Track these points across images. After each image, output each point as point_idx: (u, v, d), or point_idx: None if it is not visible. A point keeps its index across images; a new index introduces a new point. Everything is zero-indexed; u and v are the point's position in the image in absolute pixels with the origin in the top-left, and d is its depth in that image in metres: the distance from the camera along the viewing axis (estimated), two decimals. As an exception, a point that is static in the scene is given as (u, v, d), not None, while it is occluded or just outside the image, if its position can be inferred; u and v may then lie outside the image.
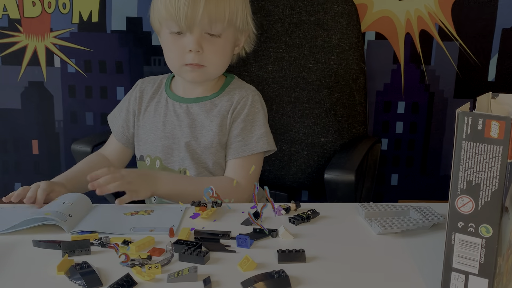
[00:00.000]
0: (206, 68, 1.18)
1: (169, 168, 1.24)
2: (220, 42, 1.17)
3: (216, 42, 1.17)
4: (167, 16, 1.15)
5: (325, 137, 1.52)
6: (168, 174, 1.17)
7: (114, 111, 1.36)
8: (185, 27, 1.14)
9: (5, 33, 1.72)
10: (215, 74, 1.23)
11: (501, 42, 1.72)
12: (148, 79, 1.35)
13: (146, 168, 1.27)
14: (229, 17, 1.16)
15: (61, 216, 0.93)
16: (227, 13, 1.15)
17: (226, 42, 1.19)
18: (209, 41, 1.16)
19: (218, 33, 1.16)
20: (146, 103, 1.29)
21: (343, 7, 1.51)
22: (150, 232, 0.91)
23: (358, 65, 1.52)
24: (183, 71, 1.20)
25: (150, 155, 1.27)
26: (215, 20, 1.14)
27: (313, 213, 0.98)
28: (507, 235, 0.68)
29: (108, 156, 1.33)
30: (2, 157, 1.82)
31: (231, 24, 1.17)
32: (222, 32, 1.16)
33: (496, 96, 0.76)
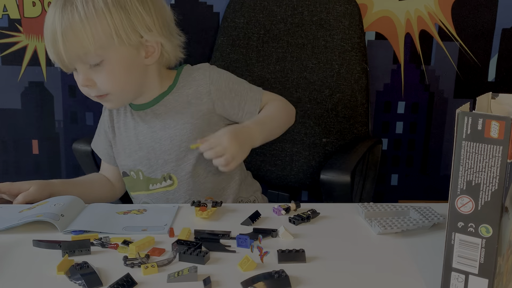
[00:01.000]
0: (110, 95, 1.14)
1: (152, 178, 1.22)
2: (105, 69, 1.10)
3: (101, 70, 1.10)
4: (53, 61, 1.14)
5: (326, 138, 1.52)
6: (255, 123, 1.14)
7: (95, 138, 1.33)
8: (64, 69, 1.12)
9: (5, 33, 1.72)
10: (128, 95, 1.18)
11: (501, 42, 1.72)
12: None
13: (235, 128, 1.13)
14: (98, 44, 1.07)
15: (54, 217, 0.93)
16: (92, 43, 1.07)
17: (113, 65, 1.11)
18: (95, 71, 1.10)
19: (97, 62, 1.09)
20: (116, 120, 1.27)
21: (345, 7, 1.51)
22: (143, 232, 0.91)
23: (360, 65, 1.52)
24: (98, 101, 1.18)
25: (132, 169, 1.24)
26: (83, 54, 1.08)
27: (313, 213, 0.98)
28: (507, 235, 0.68)
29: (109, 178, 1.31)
30: (2, 157, 1.82)
31: (106, 47, 1.09)
32: (102, 59, 1.09)
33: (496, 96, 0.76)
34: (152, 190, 1.22)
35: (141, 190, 1.25)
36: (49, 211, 0.95)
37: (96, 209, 1.02)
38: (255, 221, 0.96)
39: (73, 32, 1.06)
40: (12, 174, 1.83)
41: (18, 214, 0.98)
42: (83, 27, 1.06)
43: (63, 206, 0.98)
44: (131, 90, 1.17)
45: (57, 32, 1.06)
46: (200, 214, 0.98)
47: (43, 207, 1.00)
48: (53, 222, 0.92)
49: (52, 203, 1.01)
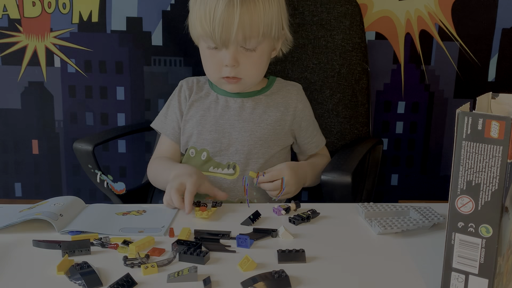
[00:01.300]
0: (242, 80, 1.21)
1: (216, 162, 1.25)
2: (256, 55, 1.19)
3: (252, 56, 1.19)
4: (203, 33, 1.18)
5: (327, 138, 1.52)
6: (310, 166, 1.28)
7: (159, 118, 1.35)
8: (220, 44, 1.17)
9: (5, 33, 1.72)
10: (253, 83, 1.26)
11: (501, 42, 1.72)
12: (190, 78, 1.36)
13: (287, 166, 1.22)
14: (264, 31, 1.16)
15: (52, 216, 0.93)
16: (261, 29, 1.15)
17: (262, 53, 1.20)
18: (245, 55, 1.18)
19: (253, 47, 1.18)
20: (194, 98, 1.30)
21: (346, 8, 1.51)
22: (139, 234, 0.91)
23: (361, 65, 1.52)
24: (221, 82, 1.24)
25: (195, 147, 1.27)
26: (250, 37, 1.16)
27: (313, 213, 0.98)
28: (507, 235, 0.68)
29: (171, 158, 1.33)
30: (2, 157, 1.82)
31: (265, 36, 1.18)
32: (258, 46, 1.18)
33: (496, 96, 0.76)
34: (210, 172, 1.25)
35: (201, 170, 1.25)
36: (48, 210, 0.95)
37: (95, 210, 1.02)
38: (255, 221, 0.96)
39: (251, 16, 1.13)
40: (12, 174, 1.83)
41: (18, 213, 0.99)
42: (259, 12, 1.14)
43: (62, 206, 0.98)
44: (260, 79, 1.27)
45: (235, 12, 1.12)
46: (200, 215, 0.98)
47: (43, 206, 1.00)
48: (51, 221, 0.92)
49: (52, 202, 1.01)
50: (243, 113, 1.26)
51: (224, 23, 1.13)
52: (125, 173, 1.85)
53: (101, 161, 1.74)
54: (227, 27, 1.13)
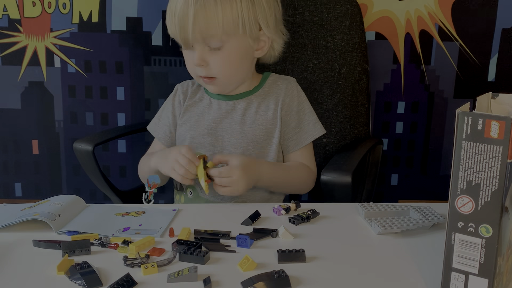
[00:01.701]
0: (218, 79, 1.20)
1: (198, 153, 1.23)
2: (223, 54, 1.16)
3: (219, 54, 1.16)
4: (171, 33, 1.19)
5: (327, 138, 1.52)
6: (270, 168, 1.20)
7: (154, 121, 1.36)
8: (182, 44, 1.17)
9: (5, 33, 1.72)
10: (231, 83, 1.23)
11: (501, 42, 1.72)
12: (186, 82, 1.36)
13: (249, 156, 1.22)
14: (225, 29, 1.13)
15: (50, 216, 0.93)
16: (220, 27, 1.13)
17: (230, 52, 1.17)
18: (212, 54, 1.16)
19: (218, 46, 1.15)
20: (188, 103, 1.30)
21: (346, 8, 1.51)
22: (136, 235, 0.90)
23: (361, 65, 1.52)
24: (201, 82, 1.24)
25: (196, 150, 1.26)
26: (208, 36, 1.13)
27: (313, 213, 0.98)
28: (507, 235, 0.68)
29: None
30: (2, 157, 1.83)
31: (230, 35, 1.15)
32: (223, 44, 1.15)
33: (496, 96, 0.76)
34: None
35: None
36: (47, 210, 0.95)
37: (94, 210, 1.02)
38: (255, 221, 0.96)
39: (206, 14, 1.11)
40: (12, 174, 1.83)
41: (19, 212, 0.99)
42: (216, 10, 1.11)
43: (62, 206, 0.98)
44: (238, 79, 1.24)
45: (189, 10, 1.11)
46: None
47: (42, 206, 1.00)
48: (48, 222, 0.91)
49: (52, 202, 1.01)
50: (235, 115, 1.25)
51: (181, 23, 1.13)
52: (125, 173, 1.85)
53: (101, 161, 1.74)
54: (184, 26, 1.13)
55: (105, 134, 1.52)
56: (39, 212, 0.95)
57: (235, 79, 1.23)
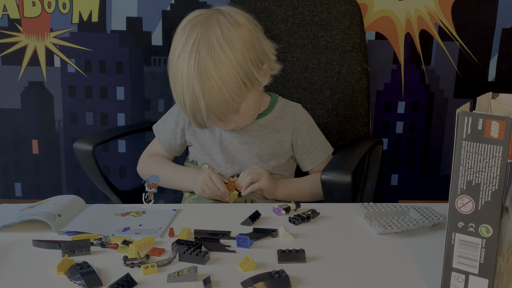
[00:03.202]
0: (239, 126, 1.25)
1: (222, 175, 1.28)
2: (241, 113, 1.19)
3: (237, 115, 1.19)
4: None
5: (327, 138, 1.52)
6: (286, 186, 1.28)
7: (159, 122, 1.39)
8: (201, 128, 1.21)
9: (5, 33, 1.72)
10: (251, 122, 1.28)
11: (501, 42, 1.72)
12: None
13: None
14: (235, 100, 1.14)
15: (50, 216, 0.93)
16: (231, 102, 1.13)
17: (247, 108, 1.19)
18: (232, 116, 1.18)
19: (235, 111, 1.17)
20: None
21: (346, 7, 1.51)
22: (136, 235, 0.90)
23: (361, 65, 1.52)
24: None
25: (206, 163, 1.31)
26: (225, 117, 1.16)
27: (313, 213, 0.98)
28: (507, 235, 0.68)
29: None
30: (2, 157, 1.82)
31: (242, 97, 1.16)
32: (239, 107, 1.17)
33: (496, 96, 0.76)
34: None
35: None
36: (47, 210, 0.95)
37: (94, 210, 1.02)
38: (255, 221, 0.96)
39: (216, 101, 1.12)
40: (12, 174, 1.83)
41: (19, 212, 0.99)
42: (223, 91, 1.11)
43: (62, 206, 0.98)
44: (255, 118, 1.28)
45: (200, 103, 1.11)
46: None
47: (43, 206, 1.00)
48: (48, 221, 0.91)
49: (52, 202, 1.01)
50: (245, 135, 1.28)
51: (195, 115, 1.15)
52: (125, 173, 1.85)
53: (101, 161, 1.74)
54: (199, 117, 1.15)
55: (105, 134, 1.51)
56: (39, 212, 0.95)
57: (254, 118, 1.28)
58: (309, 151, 1.33)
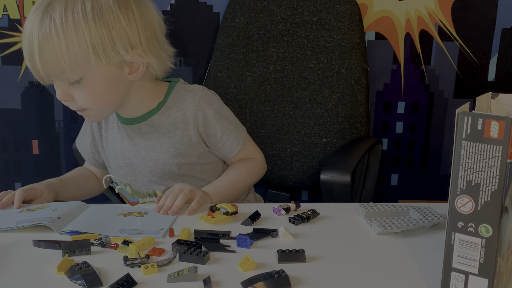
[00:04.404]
0: (89, 110, 1.10)
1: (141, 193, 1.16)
2: (85, 86, 1.05)
3: (80, 88, 1.05)
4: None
5: (326, 138, 1.52)
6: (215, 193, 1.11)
7: (79, 136, 1.32)
8: (41, 81, 1.08)
9: (5, 33, 1.72)
10: (107, 111, 1.15)
11: (501, 42, 1.72)
12: None
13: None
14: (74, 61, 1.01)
15: (50, 220, 0.93)
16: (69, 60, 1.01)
17: (92, 83, 1.05)
18: (74, 88, 1.06)
19: (76, 80, 1.04)
20: (104, 129, 1.25)
21: (345, 7, 1.51)
22: (138, 235, 0.90)
23: (360, 65, 1.52)
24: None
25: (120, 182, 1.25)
26: (59, 71, 1.03)
27: (313, 213, 0.98)
28: (507, 235, 0.68)
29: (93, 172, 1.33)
30: (2, 157, 1.82)
31: (83, 65, 1.03)
32: (82, 77, 1.04)
33: (496, 96, 0.76)
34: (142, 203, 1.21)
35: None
36: (46, 216, 0.96)
37: (97, 210, 1.02)
38: (255, 221, 0.96)
39: (50, 48, 1.00)
40: (12, 174, 1.83)
41: (18, 214, 0.99)
42: (59, 43, 1.00)
43: (61, 211, 0.99)
44: (112, 107, 1.14)
45: (34, 46, 1.00)
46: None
47: (42, 211, 1.00)
48: (48, 225, 0.92)
49: (51, 208, 1.01)
50: (142, 141, 1.18)
51: (30, 62, 1.03)
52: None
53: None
54: (33, 65, 1.03)
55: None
56: (38, 218, 0.95)
57: (108, 108, 1.13)
58: (222, 139, 1.19)
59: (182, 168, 1.19)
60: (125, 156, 1.20)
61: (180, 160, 1.18)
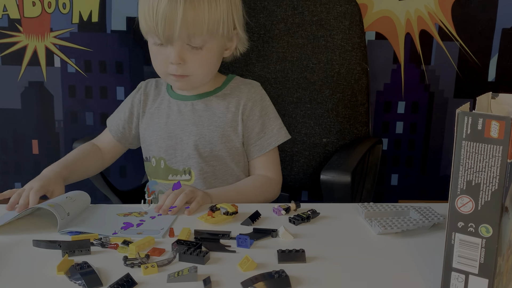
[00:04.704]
0: (191, 77, 1.19)
1: (173, 169, 1.25)
2: (203, 54, 1.16)
3: (198, 54, 1.16)
4: (147, 29, 1.16)
5: (327, 138, 1.52)
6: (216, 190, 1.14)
7: (114, 115, 1.36)
8: (164, 41, 1.15)
9: (5, 33, 1.72)
10: (202, 81, 1.24)
11: (501, 42, 1.72)
12: (151, 81, 1.35)
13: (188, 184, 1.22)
14: (210, 29, 1.14)
15: (62, 214, 0.93)
16: (206, 26, 1.13)
17: (210, 52, 1.17)
18: (191, 53, 1.15)
19: (200, 45, 1.15)
20: (150, 105, 1.30)
21: (346, 7, 1.51)
22: (138, 235, 0.90)
23: (361, 65, 1.52)
24: (169, 79, 1.22)
25: (155, 156, 1.28)
26: (194, 34, 1.13)
27: (313, 213, 0.98)
28: (507, 235, 0.68)
29: (101, 147, 1.34)
30: (2, 157, 1.82)
31: (213, 35, 1.15)
32: (204, 44, 1.15)
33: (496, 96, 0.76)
34: (170, 180, 1.25)
35: (160, 178, 1.27)
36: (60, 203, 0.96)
37: (97, 211, 1.02)
38: (255, 221, 0.96)
39: (195, 12, 1.10)
40: (12, 174, 1.83)
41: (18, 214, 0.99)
42: (204, 9, 1.11)
43: (73, 203, 0.98)
44: (210, 77, 1.24)
45: (178, 7, 1.09)
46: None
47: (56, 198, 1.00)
48: (58, 218, 0.91)
49: (65, 195, 1.01)
50: (193, 116, 1.24)
51: (167, 19, 1.10)
52: (125, 173, 1.85)
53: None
54: (170, 23, 1.11)
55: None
56: (54, 203, 0.95)
57: (207, 78, 1.23)
58: (258, 135, 1.25)
59: (223, 150, 1.24)
60: (170, 129, 1.25)
61: (224, 141, 1.23)
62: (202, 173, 1.24)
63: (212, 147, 1.23)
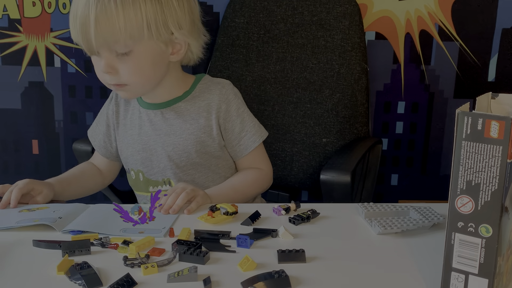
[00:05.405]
0: (128, 86, 1.13)
1: (153, 180, 1.22)
2: (132, 60, 1.10)
3: (127, 61, 1.10)
4: (74, 40, 1.13)
5: (326, 138, 1.52)
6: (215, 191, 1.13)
7: (92, 126, 1.33)
8: (86, 50, 1.11)
9: (5, 33, 1.72)
10: (144, 89, 1.18)
11: (501, 42, 1.72)
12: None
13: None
14: (130, 34, 1.07)
15: (51, 220, 0.93)
16: (124, 31, 1.06)
17: (139, 58, 1.10)
18: (120, 60, 1.10)
19: (125, 51, 1.09)
20: (122, 116, 1.27)
21: (345, 7, 1.51)
22: (139, 234, 0.90)
23: (360, 65, 1.52)
24: (112, 88, 1.18)
25: (133, 169, 1.25)
26: (113, 41, 1.07)
27: (313, 213, 0.98)
28: (507, 235, 0.68)
29: (98, 166, 1.32)
30: (2, 157, 1.82)
31: (137, 40, 1.08)
32: (131, 50, 1.09)
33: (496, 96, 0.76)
34: (152, 192, 1.22)
35: (142, 191, 1.25)
36: (47, 216, 0.96)
37: (97, 210, 1.02)
38: (255, 221, 0.96)
39: (107, 18, 1.05)
40: (12, 174, 1.83)
41: (18, 213, 0.99)
42: (117, 14, 1.05)
43: (62, 212, 0.99)
44: (151, 85, 1.17)
45: (90, 15, 1.05)
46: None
47: (42, 212, 1.00)
48: (49, 224, 0.92)
49: (52, 209, 1.01)
50: (164, 125, 1.20)
51: (82, 27, 1.07)
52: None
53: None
54: (85, 31, 1.07)
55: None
56: (38, 218, 0.95)
57: (147, 85, 1.16)
58: (240, 135, 1.21)
59: (200, 157, 1.20)
60: (143, 140, 1.22)
61: (199, 148, 1.19)
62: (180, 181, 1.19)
63: (188, 155, 1.19)
